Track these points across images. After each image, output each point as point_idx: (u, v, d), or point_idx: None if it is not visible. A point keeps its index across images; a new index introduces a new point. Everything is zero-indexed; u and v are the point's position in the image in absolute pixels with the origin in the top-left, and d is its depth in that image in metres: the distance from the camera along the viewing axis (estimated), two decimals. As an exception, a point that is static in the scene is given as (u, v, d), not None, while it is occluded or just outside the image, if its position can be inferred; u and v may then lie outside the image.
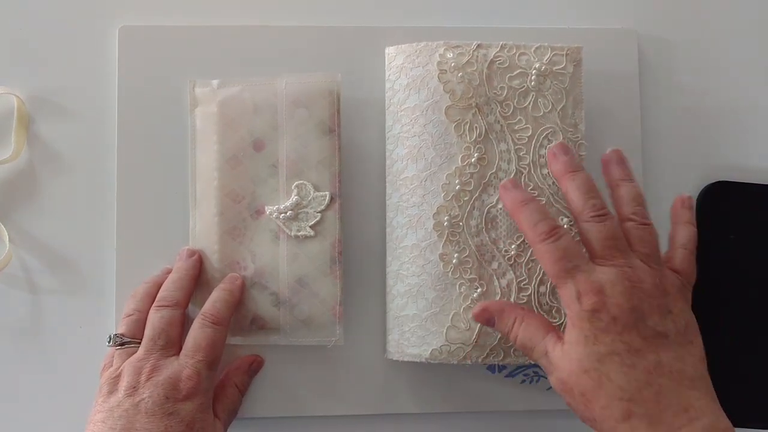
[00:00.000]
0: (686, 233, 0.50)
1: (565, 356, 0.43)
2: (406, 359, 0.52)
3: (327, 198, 0.53)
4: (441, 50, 0.52)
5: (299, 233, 0.53)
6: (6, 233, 0.55)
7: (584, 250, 0.46)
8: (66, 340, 0.55)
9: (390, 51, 0.55)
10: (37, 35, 0.57)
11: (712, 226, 0.58)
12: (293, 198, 0.52)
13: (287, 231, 0.53)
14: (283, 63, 0.57)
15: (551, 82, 0.53)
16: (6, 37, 0.57)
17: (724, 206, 0.58)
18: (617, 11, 0.61)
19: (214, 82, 0.54)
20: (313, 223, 0.53)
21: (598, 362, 0.42)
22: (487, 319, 0.48)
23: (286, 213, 0.52)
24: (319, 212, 0.53)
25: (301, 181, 0.53)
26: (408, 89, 0.53)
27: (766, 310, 0.58)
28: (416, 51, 0.53)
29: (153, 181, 0.56)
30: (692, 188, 0.59)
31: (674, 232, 0.50)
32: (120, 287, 0.54)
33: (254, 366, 0.54)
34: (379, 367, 0.55)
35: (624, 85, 0.58)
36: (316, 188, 0.53)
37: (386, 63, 0.55)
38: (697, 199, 0.59)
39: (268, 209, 0.53)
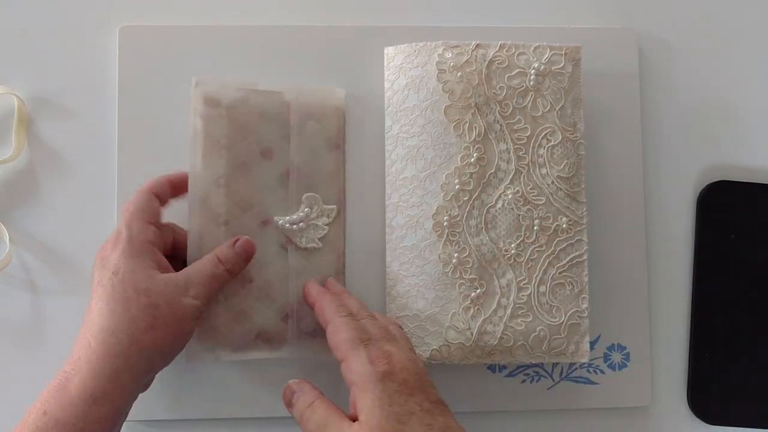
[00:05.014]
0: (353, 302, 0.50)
1: (364, 427, 0.42)
2: (405, 359, 0.52)
3: (335, 211, 0.53)
4: (440, 50, 0.52)
5: (308, 245, 0.53)
6: (6, 233, 0.55)
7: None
8: (66, 340, 0.55)
9: (389, 51, 0.55)
10: (38, 35, 0.58)
11: (712, 226, 0.58)
12: (304, 209, 0.52)
13: (297, 242, 0.52)
14: (283, 63, 0.57)
15: (550, 81, 0.53)
16: (6, 37, 0.57)
17: (724, 206, 0.58)
18: (617, 11, 0.61)
19: (217, 83, 0.51)
20: (321, 235, 0.53)
21: (398, 423, 0.42)
22: (287, 397, 0.48)
23: (297, 224, 0.52)
24: (327, 225, 0.53)
25: (312, 194, 0.53)
26: (407, 89, 0.53)
27: (766, 310, 0.58)
28: (415, 51, 0.53)
29: (153, 181, 0.56)
30: (692, 188, 0.59)
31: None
32: (120, 287, 0.54)
33: (244, 245, 0.51)
34: (378, 367, 0.55)
35: (624, 85, 0.58)
36: (325, 201, 0.53)
37: (385, 63, 0.55)
38: (697, 199, 0.59)
39: (278, 219, 0.52)
